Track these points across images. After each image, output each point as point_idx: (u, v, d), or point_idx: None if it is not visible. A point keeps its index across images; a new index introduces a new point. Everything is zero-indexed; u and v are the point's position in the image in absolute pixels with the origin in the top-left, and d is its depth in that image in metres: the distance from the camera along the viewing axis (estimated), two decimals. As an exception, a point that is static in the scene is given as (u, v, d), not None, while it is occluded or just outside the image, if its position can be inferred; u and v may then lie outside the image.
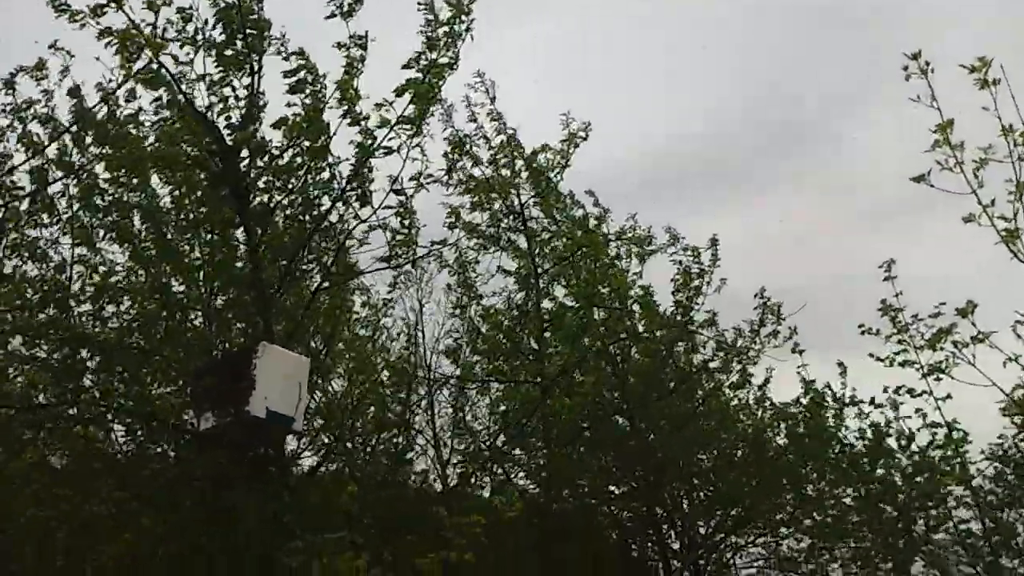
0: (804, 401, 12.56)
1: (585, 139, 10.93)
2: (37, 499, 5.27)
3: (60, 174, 8.57)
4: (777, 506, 13.24)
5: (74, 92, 8.19)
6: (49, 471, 6.68)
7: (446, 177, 8.95)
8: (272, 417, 6.78)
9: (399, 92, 7.42)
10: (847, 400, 12.04)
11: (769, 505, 13.05)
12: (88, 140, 8.39)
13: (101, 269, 8.49)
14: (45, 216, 8.65)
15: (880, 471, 13.09)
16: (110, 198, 8.40)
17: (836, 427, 12.86)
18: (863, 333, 9.55)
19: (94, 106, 8.11)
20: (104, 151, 8.21)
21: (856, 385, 12.77)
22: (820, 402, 12.20)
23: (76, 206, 8.65)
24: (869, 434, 13.10)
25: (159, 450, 8.33)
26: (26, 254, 8.57)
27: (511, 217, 11.37)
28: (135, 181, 8.32)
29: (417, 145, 7.34)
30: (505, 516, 7.19)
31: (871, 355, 9.90)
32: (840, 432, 12.55)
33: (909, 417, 11.77)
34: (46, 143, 8.58)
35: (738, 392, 12.76)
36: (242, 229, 7.66)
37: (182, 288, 8.45)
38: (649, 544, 14.14)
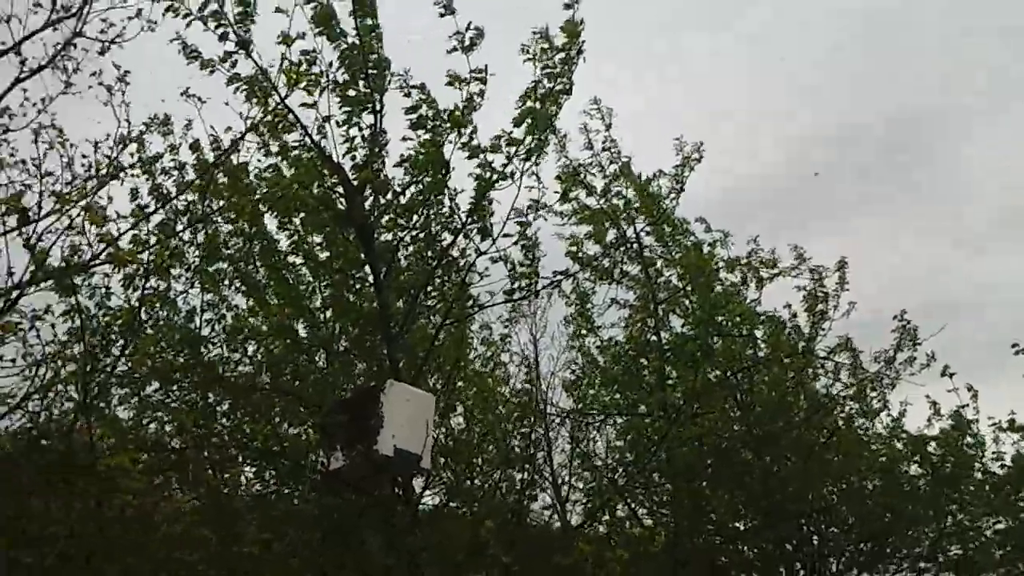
0: (940, 426, 11.99)
1: (699, 160, 10.69)
2: (181, 542, 5.32)
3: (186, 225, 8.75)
4: (915, 539, 12.59)
5: (195, 146, 8.40)
6: (190, 513, 6.76)
7: (560, 206, 8.91)
8: (400, 455, 6.73)
9: (517, 122, 7.39)
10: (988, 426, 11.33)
11: (907, 538, 12.41)
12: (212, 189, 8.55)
13: (229, 315, 8.64)
14: (175, 267, 8.87)
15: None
16: (234, 248, 8.56)
17: (975, 453, 12.25)
18: (1017, 353, 9.05)
19: (221, 155, 8.29)
20: (229, 200, 8.36)
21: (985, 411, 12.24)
22: (961, 427, 11.58)
23: (202, 255, 8.83)
24: (1009, 460, 12.46)
25: (287, 491, 8.42)
26: (158, 304, 8.79)
27: (626, 247, 11.19)
28: (254, 230, 8.45)
29: (534, 174, 7.25)
30: (650, 549, 6.92)
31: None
32: (981, 457, 11.93)
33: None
34: (174, 194, 8.82)
35: (872, 421, 12.22)
36: (367, 267, 7.70)
37: (306, 330, 8.54)
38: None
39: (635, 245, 11.08)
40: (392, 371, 7.43)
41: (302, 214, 8.09)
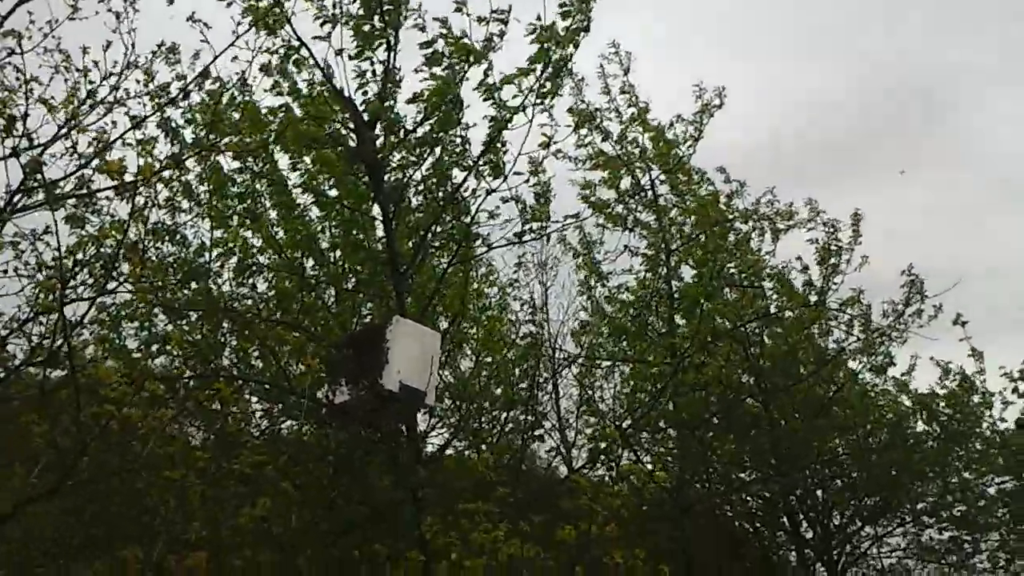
0: (949, 384, 11.95)
1: (720, 107, 10.53)
2: (175, 460, 5.37)
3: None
4: (920, 495, 12.64)
5: (204, 74, 8.28)
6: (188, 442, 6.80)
7: (576, 149, 8.79)
8: (405, 391, 6.74)
9: (533, 61, 7.28)
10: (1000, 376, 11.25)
11: (912, 494, 12.46)
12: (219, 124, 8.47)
13: (238, 251, 8.63)
14: (184, 200, 8.84)
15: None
16: (242, 184, 8.51)
17: (982, 412, 12.25)
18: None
19: (228, 87, 8.18)
20: (237, 136, 8.29)
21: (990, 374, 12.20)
22: (968, 386, 11.54)
23: (211, 190, 8.79)
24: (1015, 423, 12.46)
25: (295, 426, 8.49)
26: (166, 237, 8.77)
27: (640, 194, 11.09)
28: (264, 166, 8.40)
29: (546, 110, 7.15)
30: (647, 493, 6.96)
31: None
32: (988, 415, 11.92)
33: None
34: (183, 126, 8.74)
35: (880, 376, 12.20)
36: (376, 205, 7.66)
37: (314, 268, 8.53)
38: (781, 533, 13.71)
39: (649, 193, 10.97)
40: (399, 309, 7.42)
41: (311, 151, 8.05)
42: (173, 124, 8.63)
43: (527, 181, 7.40)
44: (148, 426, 4.65)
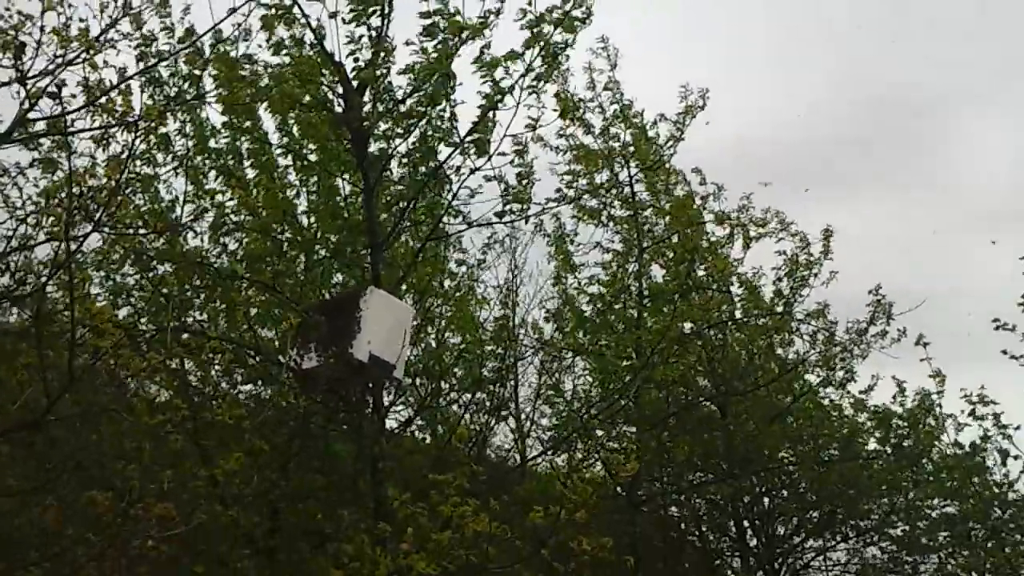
0: (906, 405, 12.14)
1: (703, 108, 10.55)
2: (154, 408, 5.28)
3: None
4: (866, 512, 12.82)
5: (191, 32, 8.14)
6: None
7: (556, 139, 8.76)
8: (374, 362, 6.68)
9: (528, 44, 7.25)
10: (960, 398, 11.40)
11: (857, 510, 12.64)
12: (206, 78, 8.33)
13: (212, 209, 8.49)
14: (160, 154, 8.68)
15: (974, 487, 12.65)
16: (224, 141, 8.39)
17: (935, 434, 12.44)
18: (997, 328, 9.15)
19: (215, 44, 8.05)
20: (221, 91, 8.16)
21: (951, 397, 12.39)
22: (927, 407, 11.74)
23: (191, 145, 8.65)
24: (967, 447, 12.65)
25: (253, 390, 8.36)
26: (139, 186, 8.60)
27: (616, 190, 11.10)
28: (247, 124, 8.29)
29: (534, 91, 7.13)
30: (620, 476, 6.96)
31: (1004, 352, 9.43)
32: (940, 438, 12.12)
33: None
34: (167, 80, 8.58)
35: (838, 391, 12.36)
36: (358, 173, 7.58)
37: (288, 232, 8.42)
38: (726, 538, 13.85)
39: (627, 189, 10.99)
40: (374, 280, 7.35)
41: (296, 112, 7.94)
42: (156, 74, 8.50)
43: (512, 162, 7.35)
44: (137, 367, 4.56)
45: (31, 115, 5.44)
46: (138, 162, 8.30)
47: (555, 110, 7.67)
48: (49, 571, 4.93)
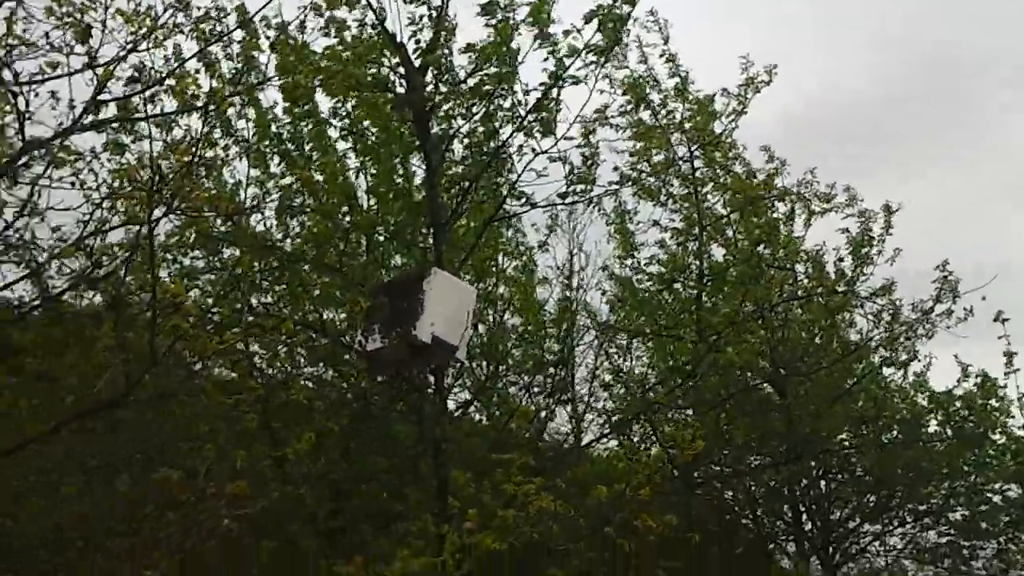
0: (968, 386, 11.87)
1: (768, 83, 10.25)
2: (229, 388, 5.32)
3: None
4: (925, 496, 12.60)
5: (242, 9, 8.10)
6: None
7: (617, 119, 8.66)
8: (437, 343, 6.67)
9: (588, 18, 7.15)
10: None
11: (919, 494, 12.43)
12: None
13: (274, 191, 8.50)
14: (223, 138, 8.70)
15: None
16: (286, 126, 8.39)
17: (999, 417, 12.16)
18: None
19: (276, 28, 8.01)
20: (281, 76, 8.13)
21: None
22: (990, 388, 11.46)
23: (252, 128, 8.66)
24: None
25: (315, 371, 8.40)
26: (203, 171, 8.62)
27: (675, 167, 10.90)
28: (306, 108, 8.27)
29: (606, 76, 7.03)
30: (686, 454, 6.91)
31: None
32: (1005, 420, 11.85)
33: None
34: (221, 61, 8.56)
35: (899, 372, 12.13)
36: (421, 155, 7.55)
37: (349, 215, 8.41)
38: (780, 522, 13.71)
39: (685, 166, 10.79)
40: (436, 262, 7.34)
41: (356, 94, 7.90)
42: (213, 57, 8.50)
43: (579, 145, 7.27)
44: (214, 348, 4.59)
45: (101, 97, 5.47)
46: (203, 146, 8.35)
47: (623, 84, 7.53)
48: (126, 547, 4.99)
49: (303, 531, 7.06)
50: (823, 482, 13.03)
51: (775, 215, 11.11)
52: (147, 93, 5.08)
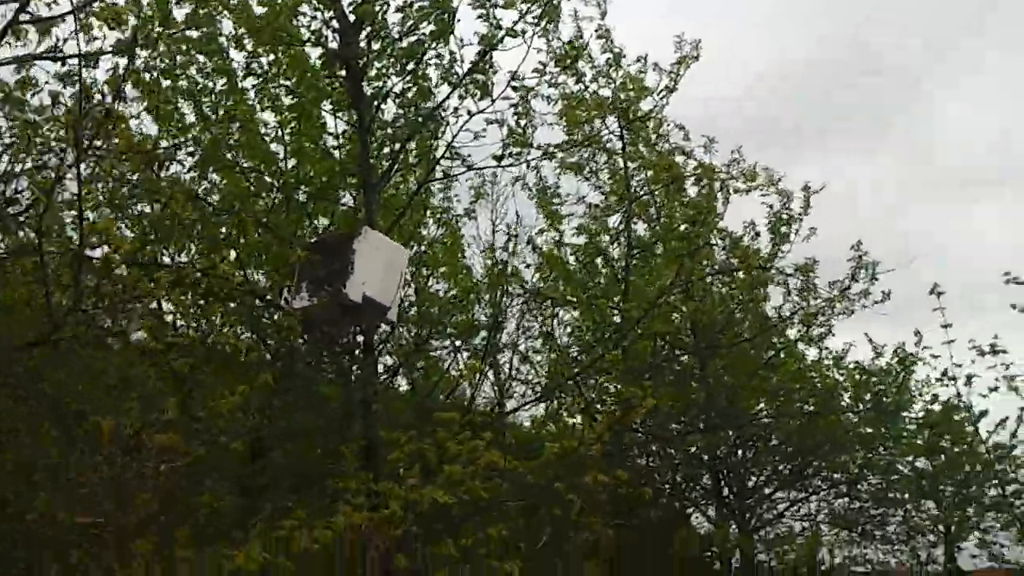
0: (887, 361, 12.33)
1: (696, 59, 10.39)
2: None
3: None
4: (842, 465, 13.06)
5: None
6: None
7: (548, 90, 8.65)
8: (368, 303, 6.58)
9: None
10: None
11: (835, 464, 12.87)
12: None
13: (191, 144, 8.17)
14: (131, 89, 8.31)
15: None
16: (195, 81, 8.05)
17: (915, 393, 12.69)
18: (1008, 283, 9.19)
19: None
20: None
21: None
22: (908, 364, 11.92)
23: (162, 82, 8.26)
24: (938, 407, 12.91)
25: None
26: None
27: (601, 142, 10.91)
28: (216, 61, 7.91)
29: (545, 35, 7.00)
30: (637, 413, 6.96)
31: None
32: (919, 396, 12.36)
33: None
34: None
35: (816, 347, 12.50)
36: (353, 112, 7.41)
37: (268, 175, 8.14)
38: (699, 488, 14.02)
39: (617, 141, 10.84)
40: (367, 222, 7.22)
41: (284, 48, 7.65)
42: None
43: (515, 105, 7.23)
44: (145, 288, 4.44)
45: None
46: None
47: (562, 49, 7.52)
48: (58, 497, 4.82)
49: (221, 487, 6.88)
50: (740, 451, 13.37)
51: (707, 192, 11.23)
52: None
